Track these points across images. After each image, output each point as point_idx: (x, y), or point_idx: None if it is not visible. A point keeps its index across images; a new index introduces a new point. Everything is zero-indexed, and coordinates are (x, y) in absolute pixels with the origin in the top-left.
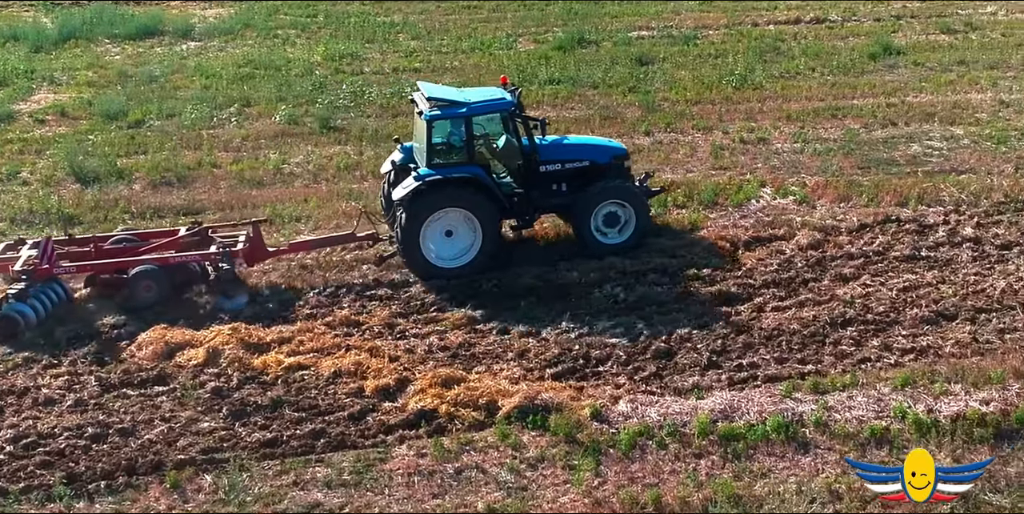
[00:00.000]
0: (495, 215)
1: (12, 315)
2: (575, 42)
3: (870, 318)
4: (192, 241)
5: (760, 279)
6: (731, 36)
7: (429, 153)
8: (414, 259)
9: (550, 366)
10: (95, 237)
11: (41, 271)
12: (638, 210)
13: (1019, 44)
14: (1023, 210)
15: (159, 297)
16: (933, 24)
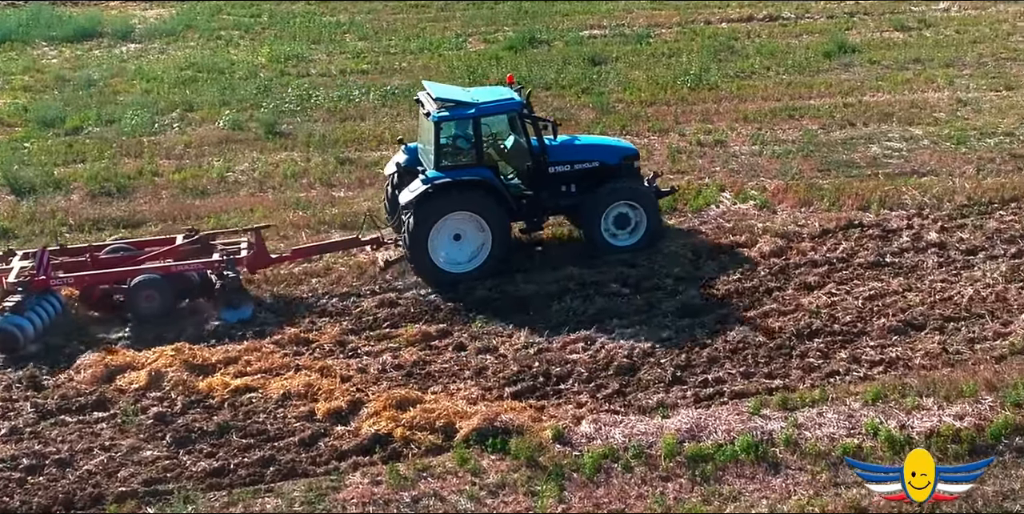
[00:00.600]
0: (505, 218)
1: (10, 330)
2: (526, 42)
3: (837, 329)
4: (191, 249)
5: (723, 289)
6: (684, 34)
7: (437, 155)
8: (422, 264)
9: (509, 384)
10: (90, 247)
11: (38, 282)
12: (649, 211)
13: (973, 41)
14: (987, 213)
15: (162, 308)
16: (886, 21)
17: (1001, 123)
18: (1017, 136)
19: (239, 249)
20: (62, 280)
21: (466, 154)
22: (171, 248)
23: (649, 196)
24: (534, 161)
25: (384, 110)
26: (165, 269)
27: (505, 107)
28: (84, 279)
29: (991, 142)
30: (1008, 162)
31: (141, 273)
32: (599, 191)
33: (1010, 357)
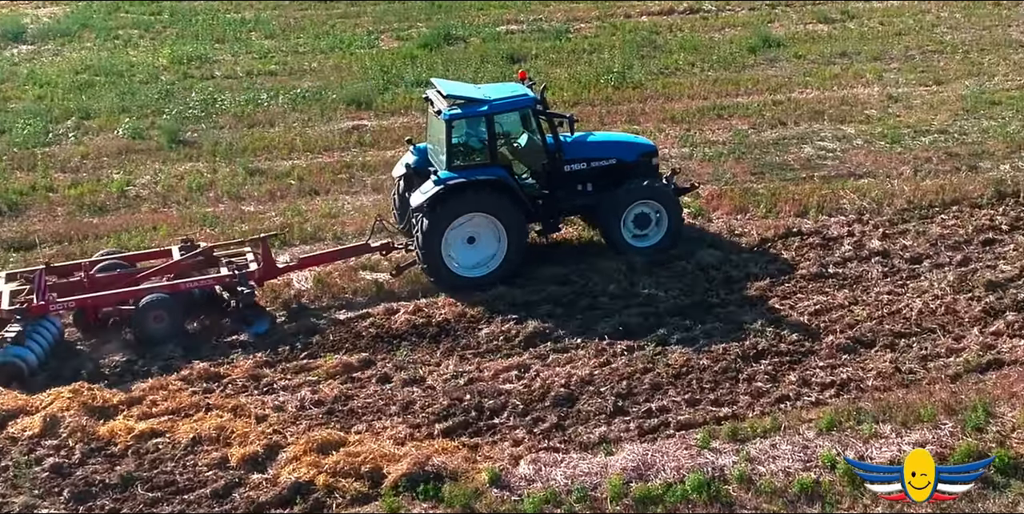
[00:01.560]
0: (521, 219)
1: (14, 362)
2: (441, 39)
3: (783, 348)
4: (194, 263)
5: (662, 306)
6: (604, 29)
7: (449, 154)
8: (436, 269)
9: (439, 420)
10: (82, 264)
11: (36, 308)
12: (670, 210)
13: (899, 33)
14: (928, 217)
15: (173, 329)
16: (809, 13)
17: (934, 120)
18: (951, 134)
19: (247, 261)
20: (62, 304)
21: (479, 153)
22: (173, 263)
23: (670, 195)
24: (549, 159)
25: (295, 114)
26: (173, 287)
27: (519, 103)
28: (86, 302)
29: (926, 140)
30: (945, 162)
31: (148, 292)
32: (618, 190)
33: (965, 375)
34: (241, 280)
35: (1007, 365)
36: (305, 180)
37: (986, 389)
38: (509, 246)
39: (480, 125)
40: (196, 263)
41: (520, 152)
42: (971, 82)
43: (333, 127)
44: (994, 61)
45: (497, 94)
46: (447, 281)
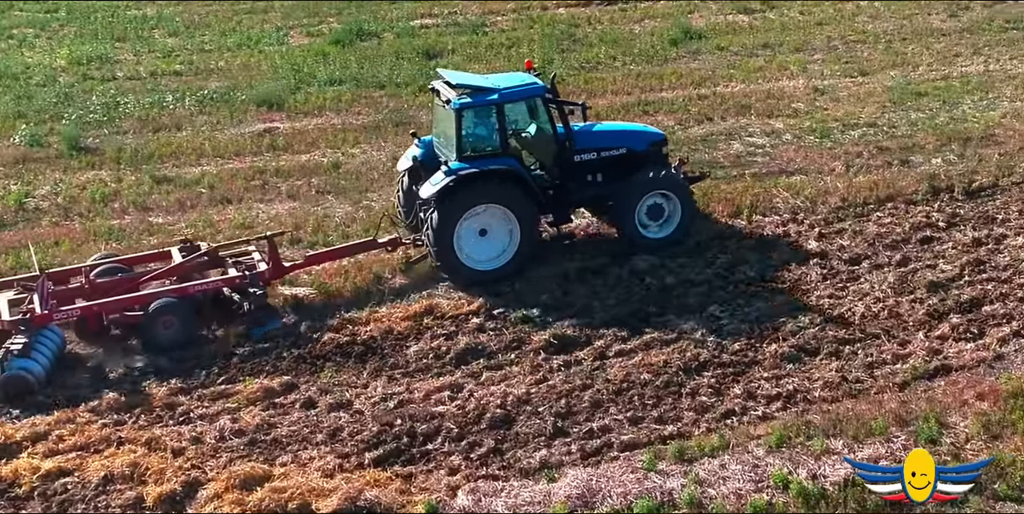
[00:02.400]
0: (533, 210)
1: (22, 375)
2: (354, 35)
3: (726, 359)
4: (198, 265)
5: (598, 317)
6: (521, 22)
7: (459, 145)
8: (449, 263)
9: (369, 448)
10: (81, 270)
11: (40, 318)
12: (684, 201)
13: (819, 23)
14: (863, 215)
15: (183, 335)
16: (729, 4)
17: (862, 113)
18: (880, 127)
19: (255, 262)
20: (67, 313)
21: (490, 143)
22: (177, 265)
23: (684, 185)
24: (560, 149)
25: (202, 117)
26: (182, 291)
27: (529, 92)
28: (92, 309)
29: (855, 134)
30: (876, 156)
31: (156, 297)
32: (632, 180)
33: (913, 383)
34: (252, 281)
35: (955, 371)
36: (216, 188)
37: (936, 397)
38: (521, 238)
39: (491, 115)
40: (200, 264)
41: (530, 142)
42: (896, 73)
43: (244, 130)
44: (917, 51)
45: (506, 83)
46: (460, 275)
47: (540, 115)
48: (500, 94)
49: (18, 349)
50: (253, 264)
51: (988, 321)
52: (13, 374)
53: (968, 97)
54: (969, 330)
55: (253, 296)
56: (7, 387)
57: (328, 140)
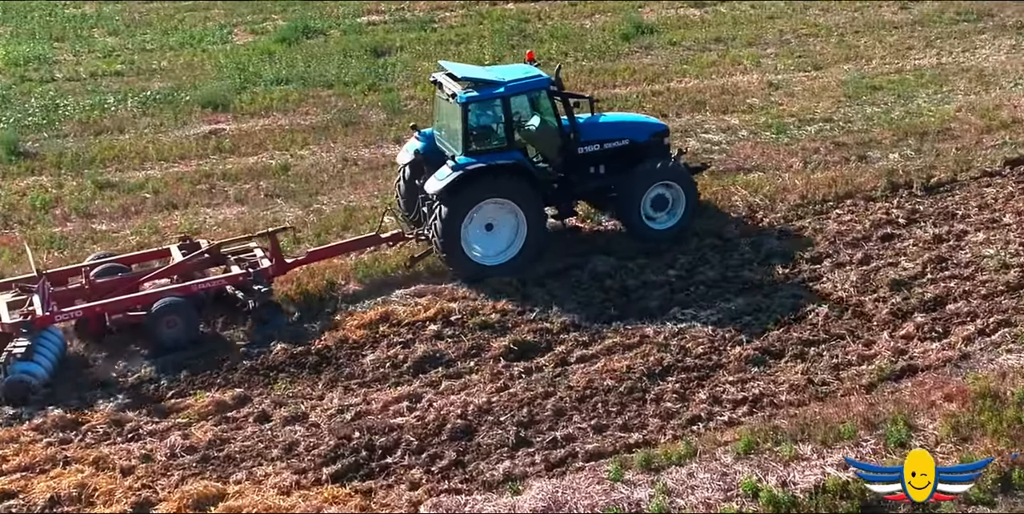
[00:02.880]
0: (540, 204)
1: (23, 379)
2: (300, 32)
3: (690, 363)
4: (200, 262)
5: (557, 322)
6: (471, 18)
7: (465, 139)
8: (457, 258)
9: (327, 463)
10: (84, 269)
11: (41, 320)
12: (688, 192)
13: (771, 16)
14: (823, 213)
15: (187, 335)
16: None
17: (817, 107)
18: (836, 122)
19: (258, 259)
20: (69, 314)
21: (496, 137)
22: (179, 263)
23: (688, 176)
24: (564, 142)
25: (146, 119)
26: (186, 289)
27: (534, 85)
28: (95, 310)
29: (811, 130)
30: (833, 152)
31: (160, 296)
32: (636, 171)
33: (880, 385)
34: (256, 278)
35: (921, 371)
36: (161, 193)
37: (903, 399)
38: (529, 231)
39: (497, 108)
40: (202, 262)
41: (534, 135)
42: (850, 67)
43: (188, 132)
44: (870, 44)
45: (511, 76)
46: (468, 270)
47: (544, 108)
48: (506, 87)
49: (21, 352)
50: (256, 261)
51: (952, 320)
52: (16, 378)
53: (923, 91)
54: (934, 329)
55: (258, 293)
56: (10, 391)
57: (276, 141)
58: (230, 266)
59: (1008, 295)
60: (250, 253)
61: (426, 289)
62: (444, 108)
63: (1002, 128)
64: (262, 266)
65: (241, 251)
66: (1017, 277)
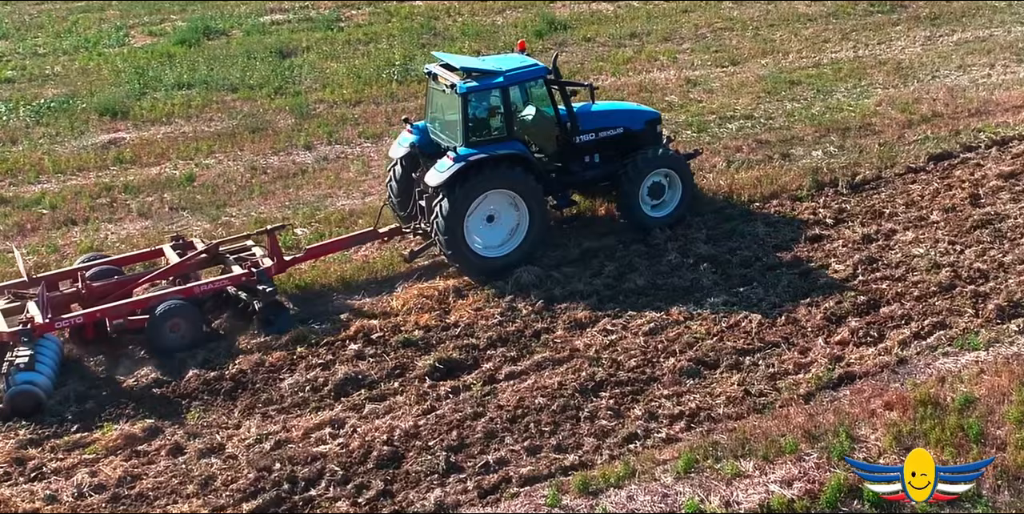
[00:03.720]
0: (541, 194)
1: (31, 390)
2: (200, 33)
3: (623, 377)
4: (198, 262)
5: (484, 337)
6: (378, 16)
7: (466, 130)
8: (460, 252)
9: (247, 498)
10: (80, 273)
11: (42, 328)
12: (684, 179)
13: (685, 10)
14: (750, 214)
15: (192, 339)
16: None
17: (737, 104)
18: (757, 119)
19: (259, 257)
20: (69, 320)
21: (496, 127)
22: (177, 264)
23: (684, 162)
24: (562, 131)
25: (40, 129)
26: (188, 291)
27: (533, 74)
28: (95, 315)
29: (732, 127)
30: (756, 150)
31: (163, 299)
32: (635, 159)
33: (818, 394)
34: (261, 277)
35: (859, 378)
36: (59, 208)
37: (843, 408)
38: (531, 222)
39: (496, 98)
40: (200, 262)
41: (530, 125)
42: (767, 61)
43: (86, 142)
44: (785, 37)
45: (508, 65)
46: (471, 264)
47: (542, 97)
48: (506, 76)
49: (24, 362)
50: (257, 260)
51: (887, 323)
52: (20, 389)
53: (841, 85)
54: (869, 334)
55: (263, 293)
56: (16, 403)
57: (179, 150)
58: (230, 266)
59: (941, 296)
60: (247, 252)
61: (347, 304)
62: (440, 99)
63: (923, 122)
64: (264, 265)
65: (237, 250)
66: (948, 277)
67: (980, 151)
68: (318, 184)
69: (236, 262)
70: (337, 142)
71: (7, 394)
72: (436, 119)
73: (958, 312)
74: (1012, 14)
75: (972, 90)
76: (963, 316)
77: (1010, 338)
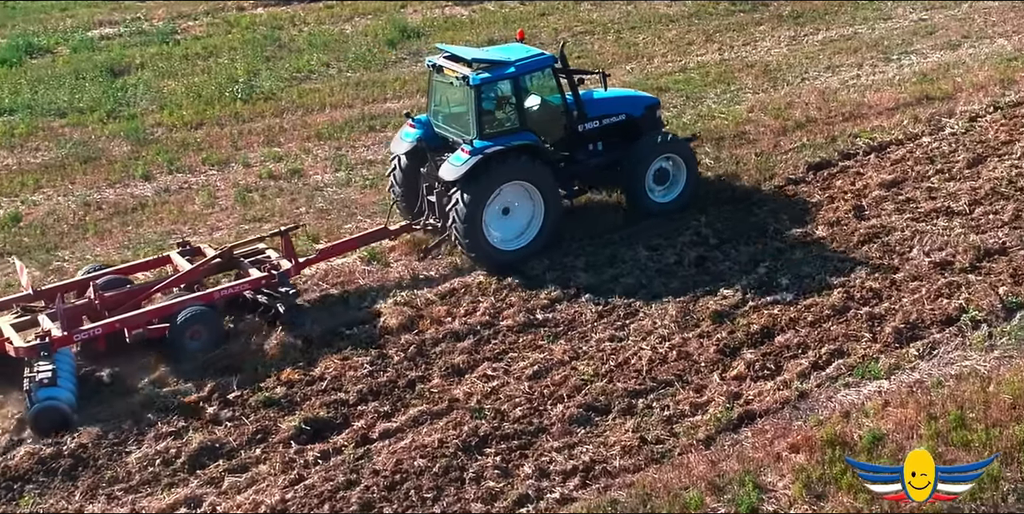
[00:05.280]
0: (555, 185)
1: (58, 406)
2: (22, 51)
3: (509, 429)
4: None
5: (353, 390)
6: (217, 27)
7: (479, 122)
8: (479, 247)
9: None
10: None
11: (61, 341)
12: (689, 164)
13: (543, 13)
14: (629, 241)
15: (212, 345)
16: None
17: None
18: None
19: (276, 260)
20: (87, 332)
21: (508, 118)
22: (192, 270)
23: (688, 147)
24: (569, 120)
25: None
26: (207, 297)
27: (541, 63)
28: (114, 325)
29: None
30: None
31: (183, 306)
32: (641, 145)
33: (718, 437)
34: (282, 279)
35: (760, 417)
36: None
37: (746, 453)
38: (547, 214)
39: (507, 89)
40: (212, 268)
41: (536, 115)
42: (632, 66)
43: None
44: (649, 40)
45: (516, 55)
46: (489, 258)
47: (549, 86)
48: (517, 66)
49: (47, 377)
50: (273, 263)
51: (783, 353)
52: (45, 406)
53: (711, 90)
54: (766, 366)
55: (285, 296)
56: (41, 420)
57: (2, 186)
58: (246, 270)
59: (835, 320)
60: (262, 255)
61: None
62: (445, 92)
63: (797, 128)
64: (283, 267)
65: (250, 254)
66: (841, 298)
67: (859, 158)
68: (160, 219)
69: (253, 265)
70: (179, 170)
71: (31, 412)
72: (439, 112)
73: (855, 337)
74: (874, 11)
75: (843, 92)
76: (860, 341)
77: (911, 363)
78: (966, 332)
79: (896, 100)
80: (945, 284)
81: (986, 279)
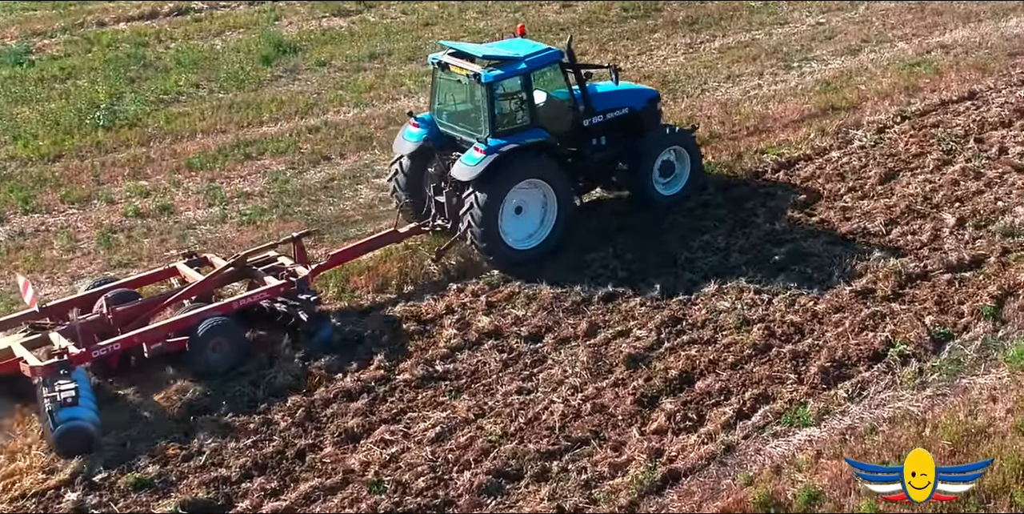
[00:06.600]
0: (567, 182)
1: (84, 426)
2: None
3: (412, 504)
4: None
5: (236, 465)
6: (76, 45)
7: (492, 120)
8: (494, 247)
9: None
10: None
11: (80, 358)
12: (694, 156)
13: (426, 23)
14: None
15: (235, 358)
16: (322, 5)
17: None
18: None
19: (292, 267)
20: (106, 348)
21: (520, 115)
22: (204, 280)
23: (692, 139)
24: (576, 115)
25: None
26: (226, 307)
27: (550, 58)
28: (133, 340)
29: None
30: None
31: (202, 317)
32: (648, 138)
33: (642, 502)
34: (301, 286)
35: (684, 476)
36: None
37: None
38: (560, 210)
39: (518, 85)
40: (226, 277)
41: (543, 110)
42: None
43: None
44: None
45: (524, 51)
46: (504, 258)
47: (556, 81)
48: (527, 62)
49: (71, 396)
50: (289, 270)
51: (704, 401)
52: (70, 426)
53: None
54: (687, 417)
55: (305, 303)
56: (66, 442)
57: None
58: (261, 278)
59: (757, 360)
60: (275, 263)
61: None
62: (452, 90)
63: (703, 145)
64: (302, 274)
65: (262, 262)
66: (762, 335)
67: (768, 177)
68: (14, 268)
69: (269, 273)
70: (35, 210)
71: (55, 434)
72: (444, 111)
73: (779, 379)
74: (770, 15)
75: (746, 104)
76: (786, 384)
77: (840, 406)
78: (895, 368)
79: (801, 111)
80: (869, 315)
81: (911, 308)
